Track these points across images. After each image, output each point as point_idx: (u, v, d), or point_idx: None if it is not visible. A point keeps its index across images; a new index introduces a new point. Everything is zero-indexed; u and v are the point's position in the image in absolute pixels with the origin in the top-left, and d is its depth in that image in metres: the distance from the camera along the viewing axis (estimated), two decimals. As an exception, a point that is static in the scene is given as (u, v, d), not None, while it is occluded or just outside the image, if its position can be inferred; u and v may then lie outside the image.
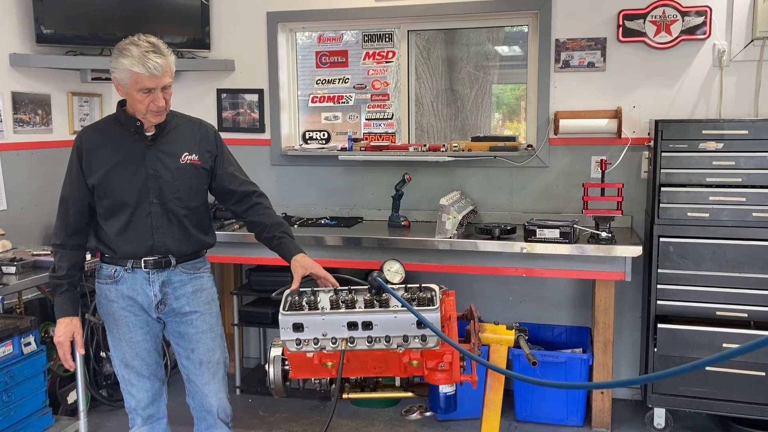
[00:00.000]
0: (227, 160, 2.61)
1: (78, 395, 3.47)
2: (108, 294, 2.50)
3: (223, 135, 2.75)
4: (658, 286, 3.42)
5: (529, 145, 4.04)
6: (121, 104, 2.47)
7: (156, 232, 2.45)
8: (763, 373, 3.28)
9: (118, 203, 2.43)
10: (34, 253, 3.37)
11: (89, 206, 2.48)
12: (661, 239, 3.39)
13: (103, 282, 2.52)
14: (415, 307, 2.02)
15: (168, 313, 2.53)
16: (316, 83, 4.46)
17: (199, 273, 2.59)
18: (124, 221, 2.44)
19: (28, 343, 3.29)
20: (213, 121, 4.33)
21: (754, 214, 3.27)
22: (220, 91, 4.43)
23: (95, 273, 2.56)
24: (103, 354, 3.89)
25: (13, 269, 3.15)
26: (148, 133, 2.45)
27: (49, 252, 3.38)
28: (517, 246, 3.46)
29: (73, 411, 3.66)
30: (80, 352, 2.50)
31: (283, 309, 2.10)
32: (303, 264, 2.44)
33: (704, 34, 3.68)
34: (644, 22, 3.73)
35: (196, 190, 2.53)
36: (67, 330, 2.44)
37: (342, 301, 2.10)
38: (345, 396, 2.21)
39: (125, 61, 2.30)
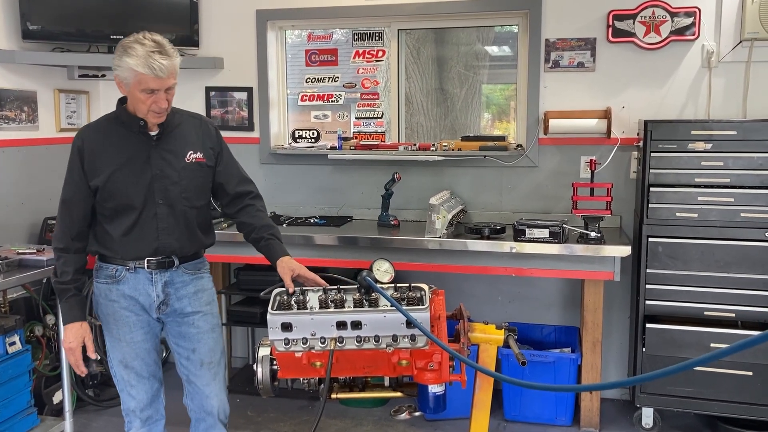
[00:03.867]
0: (227, 158, 2.58)
1: (64, 395, 3.44)
2: (108, 294, 2.46)
3: (212, 133, 2.72)
4: (647, 286, 3.43)
5: (518, 145, 4.04)
6: (122, 101, 2.41)
7: (161, 233, 2.42)
8: (751, 373, 3.30)
9: (124, 205, 2.38)
10: (20, 251, 3.33)
11: (92, 208, 2.42)
12: (650, 239, 3.40)
13: (102, 282, 2.47)
14: (405, 307, 2.01)
15: (169, 314, 2.50)
16: (306, 82, 4.44)
17: (200, 273, 2.56)
18: (129, 223, 2.39)
19: (13, 343, 3.26)
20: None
21: (742, 215, 3.28)
22: (208, 89, 4.40)
23: (93, 272, 2.50)
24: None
25: (-3, 268, 3.12)
26: (152, 133, 2.40)
27: (35, 251, 3.35)
28: (507, 246, 3.46)
29: (58, 411, 3.62)
30: (92, 357, 2.44)
31: (272, 308, 2.09)
32: (290, 266, 2.42)
33: (693, 35, 3.69)
34: (634, 23, 3.74)
35: (202, 189, 2.50)
36: (77, 335, 2.40)
37: (331, 301, 2.09)
38: (334, 396, 2.20)
39: (130, 61, 2.24)
